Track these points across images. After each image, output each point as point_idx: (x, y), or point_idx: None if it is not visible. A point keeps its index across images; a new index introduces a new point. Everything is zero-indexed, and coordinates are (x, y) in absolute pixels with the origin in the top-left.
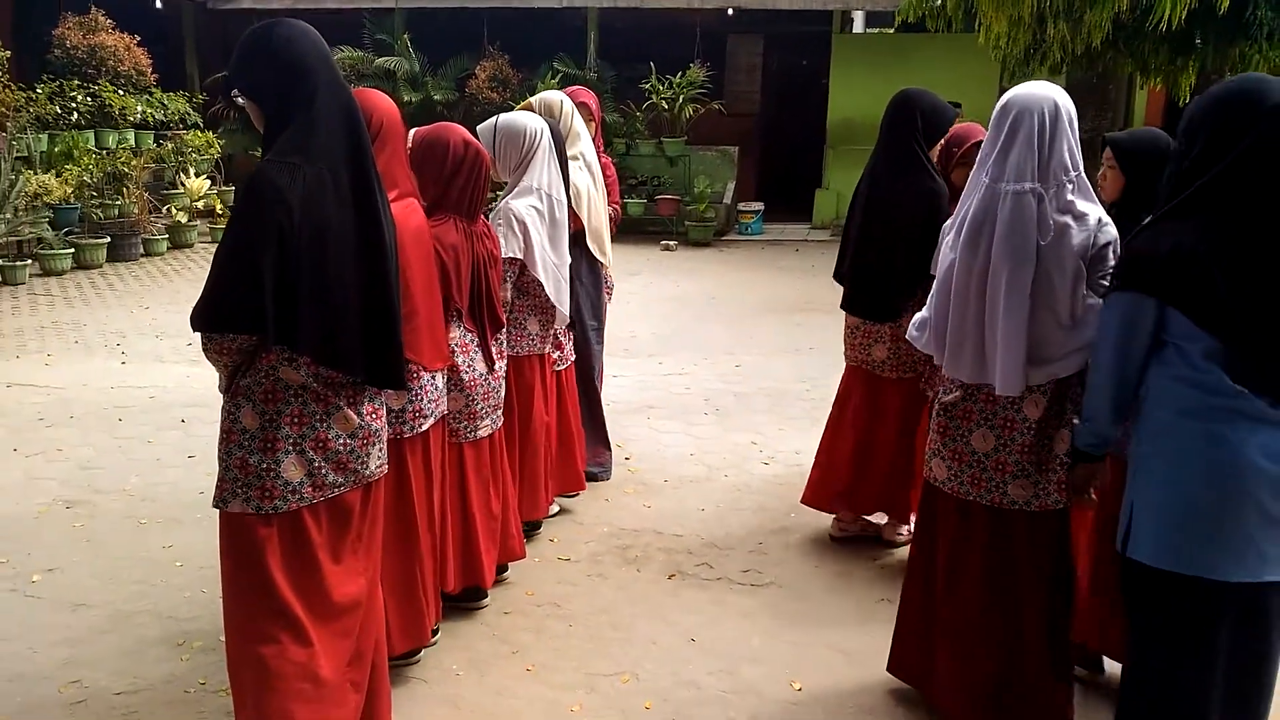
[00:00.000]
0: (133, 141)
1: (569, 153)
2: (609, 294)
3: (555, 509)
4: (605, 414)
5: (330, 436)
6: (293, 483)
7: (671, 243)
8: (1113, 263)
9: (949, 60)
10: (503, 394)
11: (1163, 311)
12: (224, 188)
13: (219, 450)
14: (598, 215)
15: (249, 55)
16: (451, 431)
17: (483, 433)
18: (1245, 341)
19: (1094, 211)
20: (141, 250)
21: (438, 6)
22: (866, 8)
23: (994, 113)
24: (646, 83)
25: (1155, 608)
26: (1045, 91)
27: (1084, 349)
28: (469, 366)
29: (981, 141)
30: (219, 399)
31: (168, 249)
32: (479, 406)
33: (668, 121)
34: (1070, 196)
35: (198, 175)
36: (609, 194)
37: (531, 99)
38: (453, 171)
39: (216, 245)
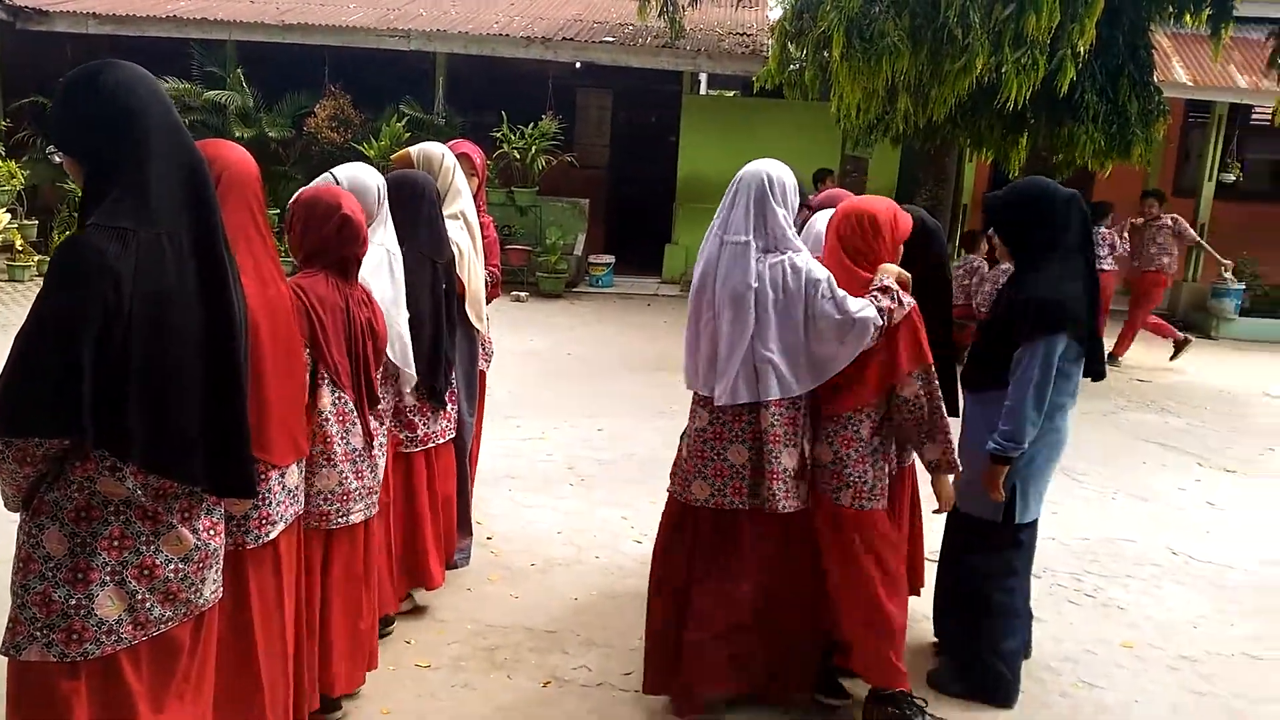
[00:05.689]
0: None
1: (448, 211)
2: (487, 361)
3: (408, 605)
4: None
5: (158, 562)
6: (108, 621)
7: (523, 293)
8: (825, 300)
9: (795, 125)
10: (380, 478)
11: (1064, 344)
12: (26, 221)
13: (13, 582)
14: (476, 279)
15: (70, 103)
16: (320, 515)
17: (355, 517)
18: (1092, 348)
19: (801, 259)
20: None
21: (275, 41)
22: (715, 70)
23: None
24: (497, 131)
25: (1015, 549)
26: (763, 166)
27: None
28: (342, 438)
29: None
30: None
31: None
32: (353, 485)
33: (519, 171)
34: (779, 247)
35: None
36: (488, 256)
37: (411, 150)
38: (333, 232)
39: (18, 329)
